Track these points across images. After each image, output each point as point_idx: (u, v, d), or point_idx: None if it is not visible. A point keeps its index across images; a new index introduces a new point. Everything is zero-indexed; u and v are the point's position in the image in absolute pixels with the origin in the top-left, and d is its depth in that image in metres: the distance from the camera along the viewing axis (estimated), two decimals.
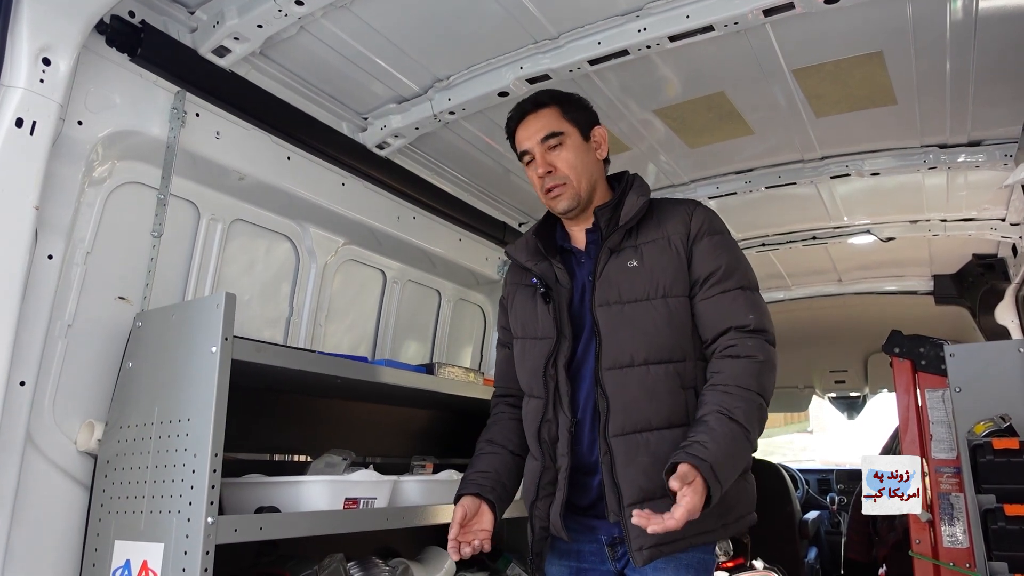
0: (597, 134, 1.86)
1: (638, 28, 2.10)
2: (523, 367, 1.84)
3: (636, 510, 1.44)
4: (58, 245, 1.76)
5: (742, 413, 1.56)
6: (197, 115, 2.07)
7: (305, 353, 2.02)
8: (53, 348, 1.80)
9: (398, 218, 2.79)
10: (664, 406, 1.65)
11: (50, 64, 1.64)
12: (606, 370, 1.67)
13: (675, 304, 1.70)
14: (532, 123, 1.81)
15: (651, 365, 1.66)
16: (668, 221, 1.77)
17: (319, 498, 1.89)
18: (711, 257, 1.72)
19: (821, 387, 6.12)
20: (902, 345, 2.54)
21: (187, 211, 2.20)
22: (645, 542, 1.56)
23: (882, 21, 2.08)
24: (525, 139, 1.82)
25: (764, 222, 3.65)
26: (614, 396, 1.65)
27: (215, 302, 1.70)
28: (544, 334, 1.77)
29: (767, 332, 1.67)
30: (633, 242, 1.76)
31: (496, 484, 1.78)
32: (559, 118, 1.81)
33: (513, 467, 1.85)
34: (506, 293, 1.99)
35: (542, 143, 1.79)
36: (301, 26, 2.05)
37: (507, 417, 1.93)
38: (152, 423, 1.73)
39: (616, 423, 1.64)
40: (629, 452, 1.62)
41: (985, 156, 2.73)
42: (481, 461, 1.83)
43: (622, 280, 1.71)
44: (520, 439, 1.87)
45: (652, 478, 1.58)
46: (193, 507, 1.57)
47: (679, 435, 1.61)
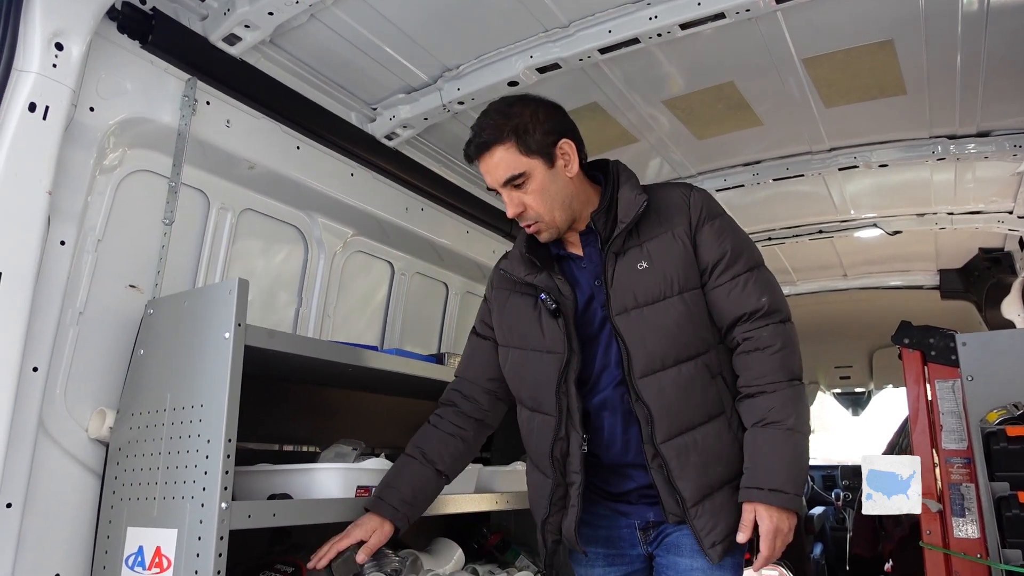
0: (562, 151, 1.70)
1: (649, 16, 2.09)
2: (524, 379, 1.80)
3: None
4: (70, 231, 1.75)
5: (778, 410, 1.60)
6: (208, 103, 2.06)
7: (316, 340, 2.02)
8: (65, 335, 1.79)
9: (406, 209, 2.79)
10: (701, 402, 1.66)
11: (63, 49, 1.63)
12: (640, 379, 1.65)
13: (691, 298, 1.69)
14: (488, 163, 1.69)
15: (681, 364, 1.65)
16: (668, 213, 1.73)
17: (331, 486, 1.88)
18: (716, 243, 1.71)
19: (826, 383, 6.11)
20: (912, 336, 2.53)
21: (197, 200, 2.19)
22: (717, 537, 1.61)
23: (893, 9, 2.08)
24: (487, 176, 1.72)
25: (770, 216, 3.65)
26: (654, 403, 1.63)
27: (228, 288, 1.70)
28: (552, 348, 1.72)
29: (781, 312, 1.69)
30: (636, 241, 1.71)
31: (410, 511, 1.80)
32: (516, 156, 1.66)
33: (433, 487, 1.86)
34: (493, 295, 1.93)
35: (504, 187, 1.69)
36: (311, 14, 2.05)
37: (450, 430, 1.89)
38: (164, 410, 1.72)
39: (663, 430, 1.63)
40: (681, 456, 1.62)
41: (995, 147, 2.73)
42: (406, 476, 1.82)
43: (635, 283, 1.68)
44: (452, 458, 1.87)
45: (708, 474, 1.63)
46: (207, 493, 1.57)
47: (720, 425, 1.66)
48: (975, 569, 2.18)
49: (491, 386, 1.92)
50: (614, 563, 1.80)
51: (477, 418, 1.93)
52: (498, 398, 1.93)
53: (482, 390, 1.92)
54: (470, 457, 1.97)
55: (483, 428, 1.95)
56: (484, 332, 1.95)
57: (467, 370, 1.97)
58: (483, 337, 1.95)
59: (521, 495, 2.53)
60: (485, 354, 1.92)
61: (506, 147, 1.66)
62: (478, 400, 1.93)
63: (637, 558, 1.78)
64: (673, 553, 1.69)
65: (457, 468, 1.92)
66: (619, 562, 1.80)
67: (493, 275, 1.95)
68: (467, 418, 1.92)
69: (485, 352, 1.92)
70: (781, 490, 1.55)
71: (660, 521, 1.72)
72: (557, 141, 1.70)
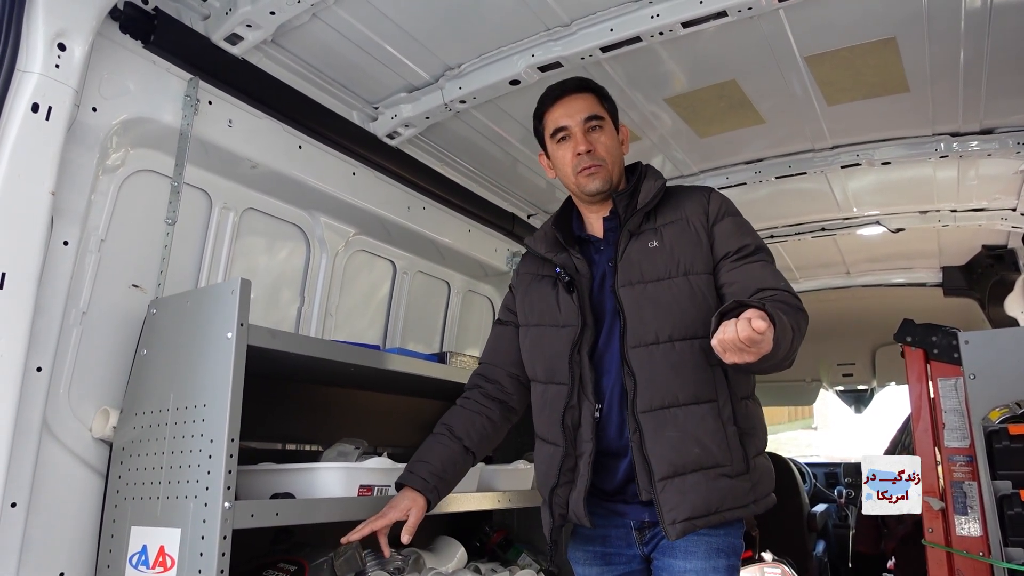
0: (623, 131, 1.93)
1: (651, 14, 2.09)
2: (541, 354, 1.85)
3: (715, 338, 1.38)
4: (73, 231, 1.76)
5: (791, 318, 1.51)
6: (210, 103, 2.07)
7: (318, 340, 2.02)
8: (68, 335, 1.80)
9: (408, 208, 2.79)
10: (690, 382, 1.66)
11: (65, 49, 1.63)
12: (632, 348, 1.69)
13: (697, 282, 1.72)
14: (574, 103, 1.85)
15: (676, 342, 1.68)
16: (686, 203, 1.82)
17: (334, 485, 1.89)
18: (736, 235, 1.77)
19: (828, 380, 6.10)
20: (914, 334, 2.53)
21: (199, 199, 2.20)
22: (679, 515, 1.58)
23: (896, 7, 2.07)
24: (565, 116, 1.85)
25: (773, 214, 3.64)
26: (640, 373, 1.67)
27: (230, 288, 1.70)
28: (567, 322, 1.79)
29: (797, 298, 1.66)
30: (652, 224, 1.80)
31: (441, 484, 1.84)
32: (599, 104, 1.87)
33: (462, 463, 1.91)
34: (517, 281, 2.01)
35: (584, 123, 1.83)
36: (313, 13, 2.05)
37: (476, 408, 1.95)
38: (168, 409, 1.73)
39: (644, 399, 1.66)
40: (658, 428, 1.63)
41: (998, 144, 2.72)
42: (437, 451, 1.88)
43: (643, 260, 1.75)
44: (479, 436, 1.92)
45: (681, 452, 1.61)
46: (210, 492, 1.57)
47: (707, 411, 1.65)
48: (978, 567, 2.18)
49: (514, 370, 1.97)
50: (611, 562, 1.81)
51: (501, 399, 1.98)
52: (521, 382, 1.98)
53: (506, 374, 1.98)
54: (497, 439, 2.01)
55: (508, 411, 1.99)
56: (507, 319, 2.01)
57: (492, 356, 2.03)
58: (505, 324, 2.01)
59: (523, 494, 2.53)
60: (508, 340, 1.98)
61: (592, 95, 1.88)
62: (501, 383, 1.98)
63: (634, 558, 1.78)
64: (668, 555, 1.70)
65: (484, 448, 1.96)
66: (616, 561, 1.80)
67: (519, 263, 2.07)
68: (492, 399, 1.97)
69: (508, 338, 1.99)
70: (779, 342, 1.41)
71: (655, 522, 1.72)
72: (619, 120, 1.94)
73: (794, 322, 1.53)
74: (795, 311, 1.59)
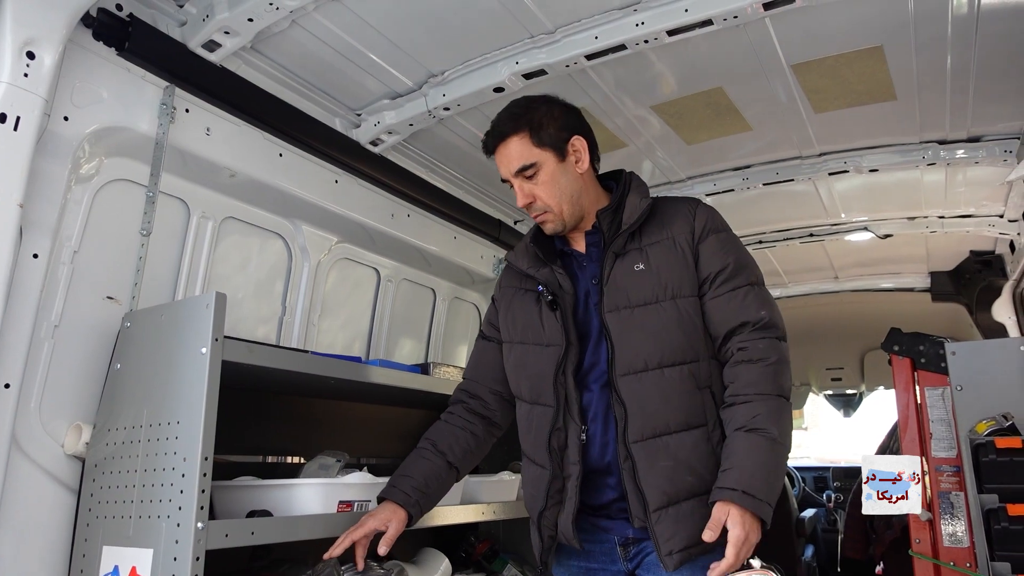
0: (573, 147, 1.78)
1: (636, 22, 2.06)
2: (524, 373, 1.82)
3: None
4: (44, 244, 1.71)
5: (763, 419, 1.58)
6: (187, 111, 2.03)
7: (298, 354, 1.99)
8: (39, 349, 1.75)
9: (392, 216, 2.75)
10: (681, 409, 1.64)
11: (34, 58, 1.59)
12: (621, 376, 1.66)
13: (684, 305, 1.69)
14: (502, 154, 1.78)
15: (665, 368, 1.65)
16: (671, 221, 1.77)
17: (312, 501, 1.85)
18: (719, 255, 1.73)
19: (817, 384, 6.11)
20: (901, 343, 2.51)
21: (177, 209, 2.16)
22: (675, 546, 1.58)
23: (883, 15, 2.05)
24: (501, 167, 1.80)
25: (761, 219, 3.63)
26: (631, 401, 1.64)
27: (205, 302, 1.66)
28: (551, 341, 1.75)
29: (777, 328, 1.68)
30: (637, 244, 1.75)
31: (424, 500, 1.82)
32: (529, 147, 1.74)
33: (446, 479, 1.89)
34: (500, 295, 1.97)
35: (516, 176, 1.77)
36: (293, 20, 2.01)
37: (460, 424, 1.93)
38: (141, 426, 1.69)
39: (635, 429, 1.63)
40: (650, 457, 1.61)
41: (985, 152, 2.72)
42: (420, 465, 1.86)
43: (630, 284, 1.71)
44: (463, 451, 1.90)
45: (675, 481, 1.61)
46: (183, 512, 1.53)
47: (698, 436, 1.64)
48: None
49: (497, 387, 1.95)
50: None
51: (485, 415, 1.96)
52: (504, 399, 1.95)
53: (488, 391, 1.96)
54: (481, 454, 1.99)
55: (492, 427, 1.98)
56: (490, 334, 1.98)
57: (474, 372, 2.00)
58: (489, 339, 1.98)
59: (508, 505, 2.50)
60: (491, 356, 1.96)
61: (520, 138, 1.75)
62: (484, 400, 1.96)
63: (618, 574, 1.76)
64: (652, 572, 1.67)
65: (468, 463, 1.94)
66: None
67: (501, 275, 2.00)
68: (476, 414, 1.95)
69: (491, 354, 1.96)
70: (756, 496, 1.52)
71: (640, 538, 1.70)
72: (569, 138, 1.77)
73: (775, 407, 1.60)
74: (768, 397, 1.60)
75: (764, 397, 1.61)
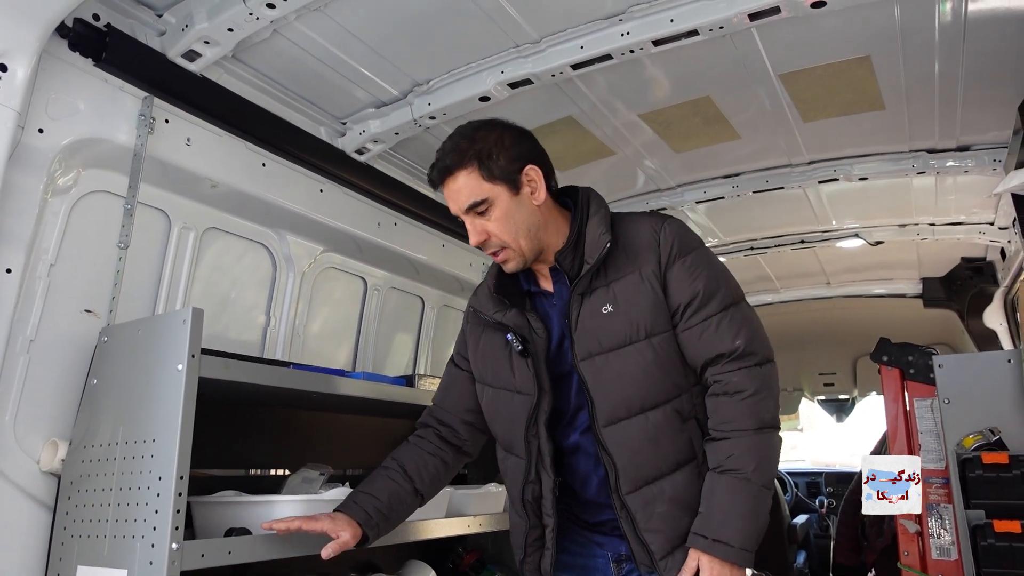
0: (528, 177, 1.63)
1: (621, 32, 2.05)
2: (498, 417, 1.76)
3: None
4: (17, 258, 1.69)
5: (738, 458, 1.52)
6: (167, 121, 2.00)
7: (278, 368, 1.96)
8: (15, 364, 1.73)
9: (379, 224, 2.73)
10: (670, 450, 1.59)
11: (7, 71, 1.57)
12: (604, 427, 1.59)
13: (660, 342, 1.60)
14: (451, 189, 1.63)
15: (649, 411, 1.58)
16: (636, 251, 1.64)
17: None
18: (687, 283, 1.61)
19: (810, 390, 6.10)
20: (890, 353, 2.50)
21: (158, 220, 2.13)
22: None
23: (870, 25, 2.04)
24: (450, 204, 1.66)
25: (752, 226, 3.62)
26: (618, 453, 1.58)
27: (182, 317, 1.63)
28: (522, 389, 1.67)
29: (755, 355, 1.58)
30: (604, 280, 1.63)
31: (383, 522, 1.73)
32: (479, 181, 1.60)
33: (409, 504, 1.80)
34: (468, 329, 1.87)
35: (467, 213, 1.63)
36: (274, 30, 1.99)
37: (431, 449, 1.85)
38: (117, 443, 1.66)
39: (627, 480, 1.58)
40: (647, 507, 1.57)
41: (974, 161, 2.70)
42: (385, 485, 1.77)
43: (599, 328, 1.60)
44: (431, 478, 1.82)
45: (676, 525, 1.56)
46: (157, 532, 1.51)
47: (690, 472, 1.59)
48: None
49: (469, 417, 1.87)
50: None
51: (456, 445, 1.89)
52: (476, 428, 1.88)
53: (460, 420, 1.88)
54: (447, 481, 1.93)
55: (461, 455, 1.92)
56: (462, 364, 1.89)
57: (445, 400, 1.92)
58: (461, 368, 1.90)
59: (494, 517, 2.48)
60: (462, 385, 1.87)
61: (468, 172, 1.60)
62: (455, 429, 1.88)
63: None
64: None
65: (434, 489, 1.88)
66: None
67: (470, 299, 1.89)
68: (446, 443, 1.88)
69: (462, 383, 1.87)
70: (727, 543, 1.48)
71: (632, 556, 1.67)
72: (523, 167, 1.63)
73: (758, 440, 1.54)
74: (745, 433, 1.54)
75: (741, 433, 1.54)
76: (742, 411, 1.55)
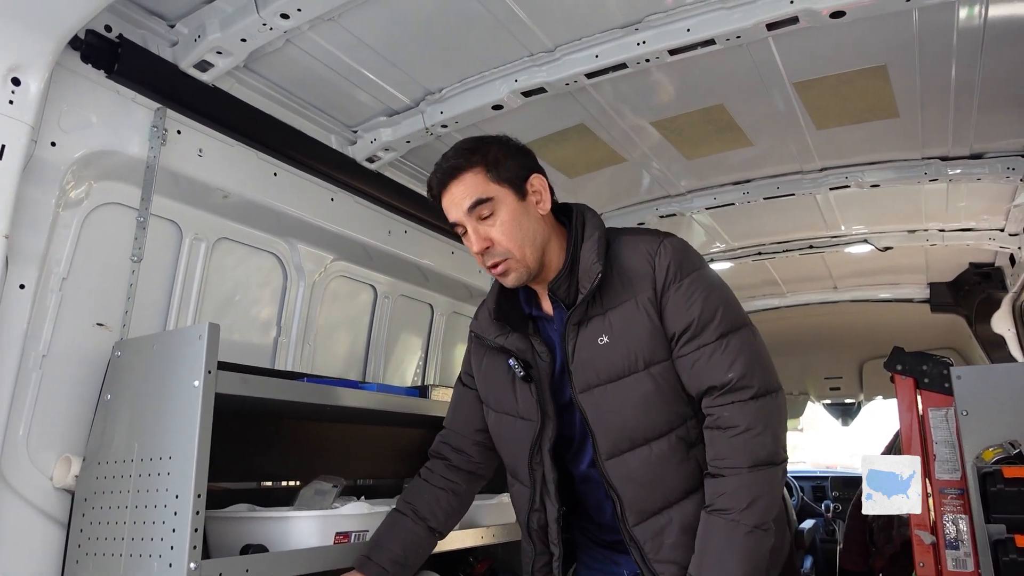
0: (533, 187, 1.60)
1: (637, 41, 2.03)
2: (503, 440, 1.74)
3: None
4: (30, 274, 1.67)
5: (728, 497, 1.46)
6: (179, 132, 1.98)
7: (294, 383, 1.94)
8: (27, 379, 1.71)
9: (389, 232, 2.71)
10: (676, 479, 1.55)
11: (20, 84, 1.55)
12: (607, 460, 1.56)
13: (659, 372, 1.55)
14: (455, 190, 1.57)
15: (652, 442, 1.54)
16: (631, 277, 1.57)
17: (308, 534, 1.80)
18: (682, 310, 1.53)
19: (816, 393, 6.09)
20: (905, 362, 2.47)
21: (170, 231, 2.12)
22: None
23: (887, 34, 2.02)
24: (452, 207, 1.58)
25: (761, 231, 3.60)
26: (622, 487, 1.55)
27: (198, 333, 1.61)
28: (525, 415, 1.65)
29: (750, 387, 1.49)
30: (600, 309, 1.57)
31: (401, 571, 1.72)
32: (485, 181, 1.55)
33: (427, 545, 1.79)
34: (472, 349, 1.84)
35: (470, 213, 1.56)
36: (287, 39, 1.97)
37: (441, 484, 1.82)
38: (132, 460, 1.64)
39: (633, 513, 1.55)
40: (656, 538, 1.54)
41: (988, 169, 2.69)
42: (397, 534, 1.75)
43: (597, 359, 1.56)
44: (446, 514, 1.81)
45: (685, 550, 1.52)
46: (175, 552, 1.49)
47: (699, 500, 1.54)
48: None
49: (480, 437, 1.84)
50: None
51: (469, 470, 1.86)
52: (488, 448, 1.84)
53: (471, 442, 1.85)
54: (464, 510, 1.90)
55: (476, 480, 1.89)
56: (469, 383, 1.86)
57: (454, 421, 1.89)
58: (467, 387, 1.87)
59: (507, 528, 2.46)
60: (471, 404, 1.84)
61: (474, 172, 1.56)
62: (468, 452, 1.85)
63: None
64: None
65: (451, 523, 1.85)
66: None
67: (473, 320, 1.84)
68: (458, 471, 1.85)
69: (471, 402, 1.84)
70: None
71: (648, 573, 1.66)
72: (528, 176, 1.61)
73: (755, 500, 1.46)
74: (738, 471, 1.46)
75: (734, 471, 1.47)
76: (734, 448, 1.48)
